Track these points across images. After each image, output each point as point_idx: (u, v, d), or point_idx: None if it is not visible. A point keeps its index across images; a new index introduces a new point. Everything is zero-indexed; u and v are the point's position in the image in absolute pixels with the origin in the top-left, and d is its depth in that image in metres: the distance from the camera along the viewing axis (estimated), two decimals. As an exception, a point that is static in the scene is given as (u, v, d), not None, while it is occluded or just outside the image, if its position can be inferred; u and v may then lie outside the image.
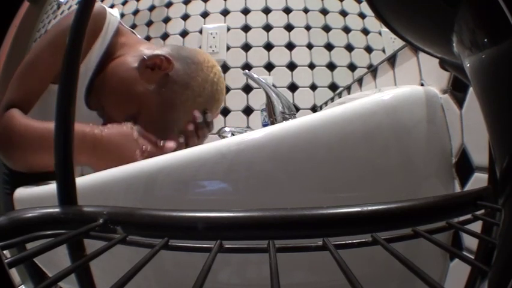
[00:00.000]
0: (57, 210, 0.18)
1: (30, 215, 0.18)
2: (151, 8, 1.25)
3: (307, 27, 1.16)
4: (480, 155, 0.30)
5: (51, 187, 0.38)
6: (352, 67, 1.08)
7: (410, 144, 0.34)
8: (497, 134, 0.16)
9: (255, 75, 0.78)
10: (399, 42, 0.49)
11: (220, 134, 0.84)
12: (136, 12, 1.27)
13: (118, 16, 0.66)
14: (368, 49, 1.04)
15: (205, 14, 1.22)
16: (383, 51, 0.82)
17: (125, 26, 0.71)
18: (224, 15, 1.21)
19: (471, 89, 0.32)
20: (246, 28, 1.19)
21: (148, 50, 0.61)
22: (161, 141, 0.55)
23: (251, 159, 0.32)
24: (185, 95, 0.59)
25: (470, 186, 0.32)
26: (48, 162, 0.48)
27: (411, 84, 0.44)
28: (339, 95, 0.99)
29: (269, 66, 1.15)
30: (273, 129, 0.33)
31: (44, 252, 0.14)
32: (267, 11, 1.19)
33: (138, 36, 0.73)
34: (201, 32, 1.20)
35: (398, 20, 0.25)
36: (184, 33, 1.21)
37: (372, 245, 0.16)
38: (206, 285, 0.12)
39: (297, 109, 1.10)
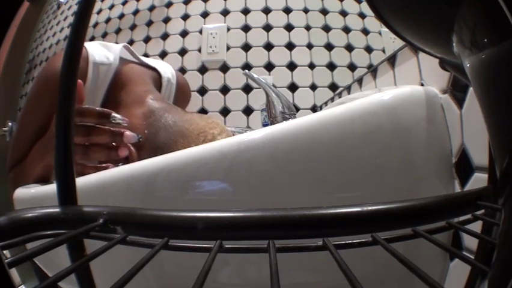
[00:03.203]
0: (57, 210, 0.18)
1: (30, 215, 0.18)
2: (151, 8, 1.25)
3: (307, 27, 1.16)
4: (480, 155, 0.30)
5: (51, 187, 0.38)
6: (352, 67, 1.08)
7: (410, 144, 0.34)
8: (497, 134, 0.16)
9: (255, 75, 0.78)
10: (399, 42, 0.49)
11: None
12: (136, 12, 1.27)
13: (113, 60, 0.61)
14: (368, 49, 1.04)
15: (205, 14, 1.22)
16: (383, 51, 0.82)
17: (132, 60, 0.66)
18: (224, 15, 1.21)
19: (471, 89, 0.32)
20: (246, 28, 1.19)
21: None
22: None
23: (251, 159, 0.32)
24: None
25: (470, 186, 0.32)
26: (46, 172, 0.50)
27: (411, 84, 0.44)
28: (339, 95, 0.99)
29: (269, 66, 1.15)
30: (273, 130, 0.33)
31: (44, 252, 0.14)
32: (267, 11, 1.19)
33: (146, 77, 0.66)
34: (200, 32, 1.20)
35: (398, 20, 0.25)
36: (184, 33, 1.21)
37: (372, 245, 0.16)
38: (206, 285, 0.12)
39: (297, 109, 1.10)
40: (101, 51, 0.61)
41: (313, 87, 1.12)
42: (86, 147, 0.45)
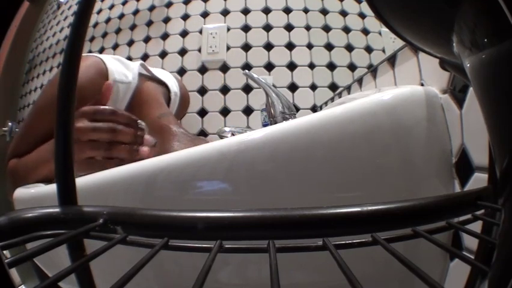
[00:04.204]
0: (57, 210, 0.18)
1: (30, 215, 0.18)
2: (151, 8, 1.25)
3: (307, 27, 1.16)
4: (480, 155, 0.30)
5: (51, 187, 0.38)
6: (352, 67, 1.08)
7: (410, 144, 0.34)
8: (497, 134, 0.16)
9: (255, 75, 0.78)
10: (399, 42, 0.49)
11: (220, 134, 0.85)
12: (136, 12, 1.27)
13: (132, 80, 0.63)
14: (368, 49, 1.04)
15: (205, 14, 1.22)
16: (383, 51, 0.82)
17: (148, 75, 0.68)
18: (224, 15, 1.21)
19: (471, 89, 0.32)
20: (246, 28, 1.18)
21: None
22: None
23: (251, 160, 0.32)
24: None
25: (470, 186, 0.32)
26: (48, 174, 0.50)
27: (411, 84, 0.44)
28: (339, 95, 0.99)
29: (269, 66, 1.15)
30: (273, 130, 0.33)
31: (44, 252, 0.14)
32: (267, 11, 1.19)
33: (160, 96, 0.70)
34: (201, 32, 1.19)
35: (398, 20, 0.25)
36: (184, 33, 1.20)
37: (372, 245, 0.16)
38: (206, 285, 0.12)
39: (297, 109, 1.10)
40: (119, 68, 0.62)
41: (313, 87, 1.12)
42: (110, 144, 0.47)
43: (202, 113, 1.13)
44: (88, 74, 0.56)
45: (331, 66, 1.11)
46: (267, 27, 1.18)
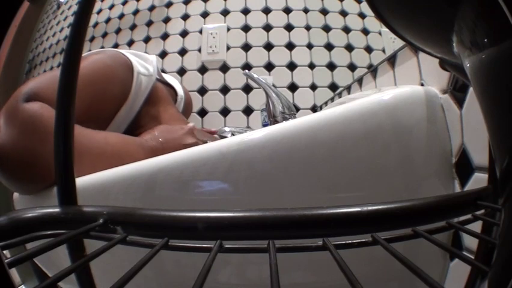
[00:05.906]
0: (57, 210, 0.18)
1: (30, 215, 0.18)
2: (151, 8, 1.25)
3: (307, 27, 1.16)
4: (480, 155, 0.30)
5: (51, 187, 0.38)
6: (352, 67, 1.08)
7: (410, 144, 0.34)
8: (497, 134, 0.16)
9: (255, 75, 0.78)
10: (399, 42, 0.49)
11: (220, 134, 0.85)
12: (136, 12, 1.27)
13: (153, 72, 0.64)
14: (368, 49, 1.04)
15: (205, 14, 1.22)
16: (383, 51, 0.82)
17: (162, 80, 0.71)
18: (224, 15, 1.21)
19: (471, 89, 0.32)
20: (246, 28, 1.18)
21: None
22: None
23: (251, 159, 0.32)
24: None
25: (470, 186, 0.32)
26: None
27: (411, 84, 0.44)
28: (339, 95, 0.99)
29: (269, 66, 1.15)
30: (273, 130, 0.33)
31: (44, 252, 0.14)
32: (267, 11, 1.19)
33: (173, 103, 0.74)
34: (201, 32, 1.19)
35: (398, 20, 0.25)
36: (184, 33, 1.20)
37: (372, 245, 0.16)
38: (206, 285, 0.12)
39: (297, 109, 1.10)
40: (138, 62, 0.63)
41: (313, 87, 1.12)
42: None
43: (202, 113, 1.13)
44: (116, 64, 0.55)
45: (331, 66, 1.11)
46: (267, 27, 1.18)
